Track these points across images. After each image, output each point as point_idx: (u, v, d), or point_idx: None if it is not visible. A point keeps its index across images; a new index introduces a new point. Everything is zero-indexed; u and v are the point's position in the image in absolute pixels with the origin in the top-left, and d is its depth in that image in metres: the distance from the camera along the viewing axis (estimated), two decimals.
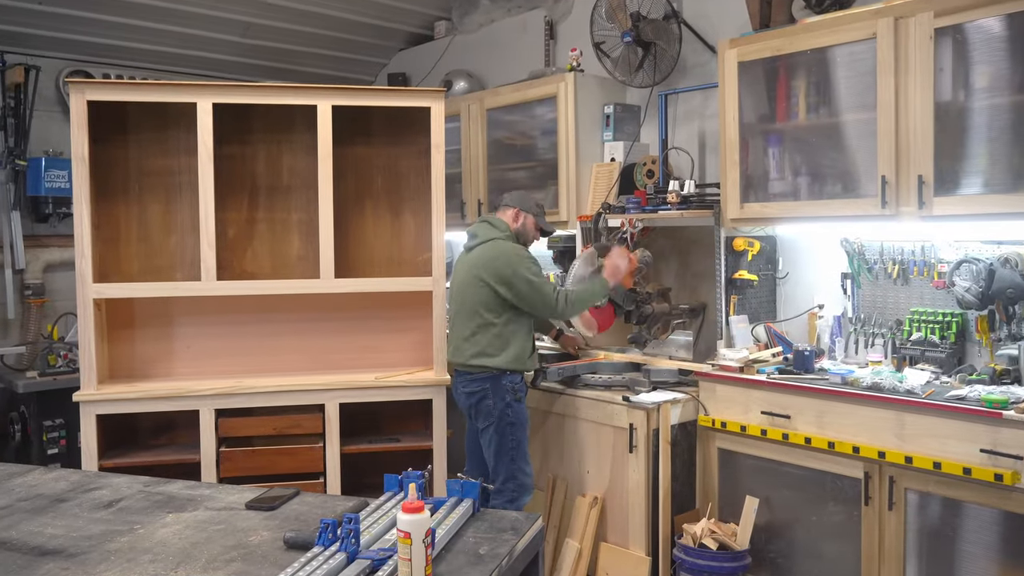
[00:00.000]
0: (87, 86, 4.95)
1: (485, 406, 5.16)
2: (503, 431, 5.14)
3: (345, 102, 5.18)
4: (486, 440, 5.21)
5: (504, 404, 5.13)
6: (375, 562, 2.44)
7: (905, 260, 4.98)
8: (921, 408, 4.19)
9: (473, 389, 5.19)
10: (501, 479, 5.13)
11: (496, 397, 5.14)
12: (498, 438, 5.15)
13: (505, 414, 5.13)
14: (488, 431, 5.17)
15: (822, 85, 4.90)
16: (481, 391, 5.16)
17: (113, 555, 2.66)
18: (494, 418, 5.14)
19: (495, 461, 5.16)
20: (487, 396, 5.15)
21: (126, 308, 5.39)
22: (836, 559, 4.60)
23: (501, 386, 5.13)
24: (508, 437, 5.14)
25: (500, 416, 5.13)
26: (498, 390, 5.14)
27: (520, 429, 5.17)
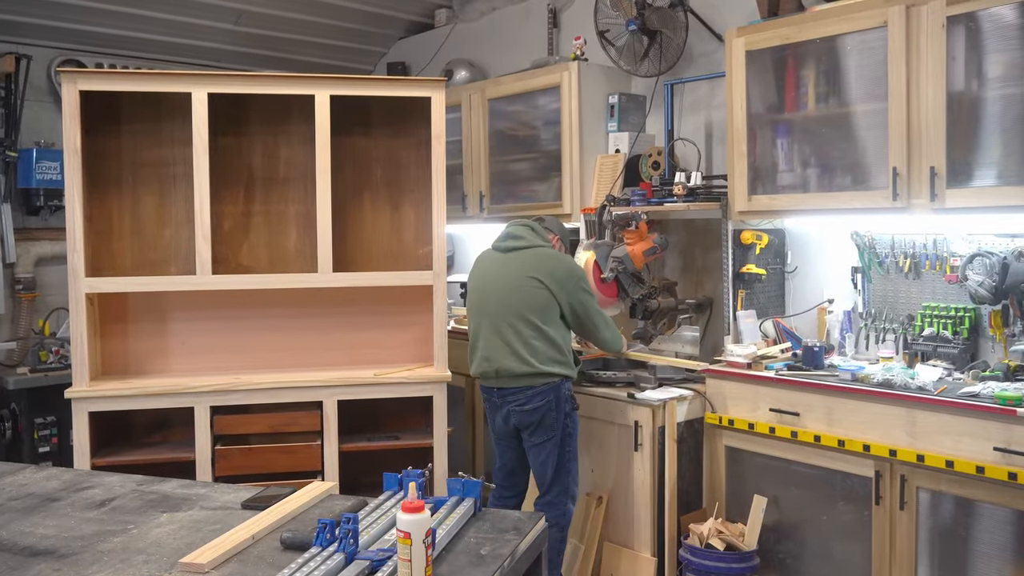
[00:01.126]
0: (79, 75, 4.94)
1: (549, 420, 4.91)
2: (564, 442, 4.95)
3: (343, 92, 5.17)
4: (543, 454, 4.96)
5: (565, 415, 4.94)
6: (374, 563, 2.45)
7: (917, 254, 4.97)
8: (933, 405, 4.19)
9: (537, 404, 4.89)
10: (556, 491, 4.96)
11: (559, 409, 4.91)
12: (559, 451, 4.94)
13: (566, 425, 4.95)
14: (546, 445, 4.94)
15: (832, 74, 4.90)
16: (546, 404, 4.89)
17: (106, 556, 2.66)
18: (556, 431, 4.93)
19: (554, 474, 4.95)
20: (551, 408, 4.90)
21: (119, 303, 5.39)
22: (846, 560, 4.60)
23: (562, 395, 4.93)
24: (567, 449, 4.97)
25: (563, 428, 4.94)
26: (560, 400, 4.92)
27: (576, 439, 5.03)
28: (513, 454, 5.17)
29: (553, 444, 4.92)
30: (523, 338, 4.90)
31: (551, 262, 5.00)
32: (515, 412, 4.95)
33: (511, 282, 5.00)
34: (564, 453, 4.93)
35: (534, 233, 5.15)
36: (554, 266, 4.98)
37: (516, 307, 4.94)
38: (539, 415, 4.89)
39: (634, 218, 5.57)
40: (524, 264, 5.01)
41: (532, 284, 4.92)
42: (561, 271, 4.96)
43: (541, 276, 4.92)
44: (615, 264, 5.55)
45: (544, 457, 4.94)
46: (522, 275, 4.97)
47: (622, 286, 5.63)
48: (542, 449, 4.94)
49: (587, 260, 5.62)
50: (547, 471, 4.95)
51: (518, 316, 4.93)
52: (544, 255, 5.04)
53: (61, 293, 6.30)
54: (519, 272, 4.99)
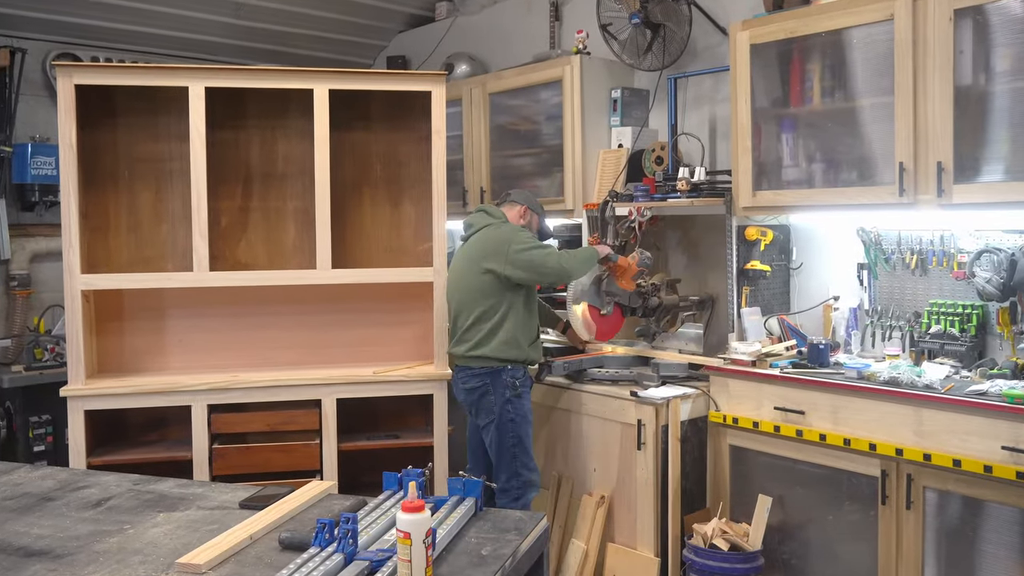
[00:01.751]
0: (75, 69, 4.94)
1: (486, 402, 5.19)
2: (503, 428, 5.15)
3: (342, 86, 5.17)
4: (488, 438, 5.23)
5: (504, 400, 5.15)
6: (374, 563, 2.45)
7: (924, 250, 4.97)
8: (940, 404, 4.19)
9: (473, 385, 5.21)
10: (504, 477, 5.15)
11: (496, 393, 5.16)
12: (499, 435, 5.16)
13: (505, 410, 5.15)
14: (489, 428, 5.19)
15: (837, 68, 4.89)
16: (481, 387, 5.19)
17: (102, 556, 2.66)
18: (495, 415, 5.17)
19: (497, 459, 5.18)
20: (488, 392, 5.18)
21: (115, 300, 5.38)
22: (852, 560, 4.60)
23: (501, 380, 5.16)
24: (508, 434, 5.15)
25: (501, 412, 5.15)
26: (498, 385, 5.16)
27: (521, 425, 5.18)
28: (472, 434, 5.48)
29: (494, 428, 5.18)
30: (469, 322, 5.25)
31: (490, 239, 5.29)
32: (460, 390, 5.31)
33: (462, 270, 5.36)
34: (506, 439, 5.17)
35: (486, 215, 5.47)
36: (492, 243, 5.26)
37: (466, 293, 5.29)
38: (476, 395, 5.23)
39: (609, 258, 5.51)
40: (470, 251, 5.36)
41: (474, 269, 5.26)
42: (494, 240, 5.26)
43: (480, 258, 5.24)
44: (610, 299, 5.61)
45: (488, 440, 5.24)
46: (468, 262, 5.32)
47: (624, 308, 5.66)
48: (486, 432, 5.24)
49: (582, 312, 5.62)
50: (492, 452, 5.24)
51: (467, 302, 5.29)
52: (484, 237, 5.34)
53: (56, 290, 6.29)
54: (466, 260, 5.35)
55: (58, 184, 5.15)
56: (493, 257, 5.18)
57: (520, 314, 5.23)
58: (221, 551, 2.59)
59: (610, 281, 5.61)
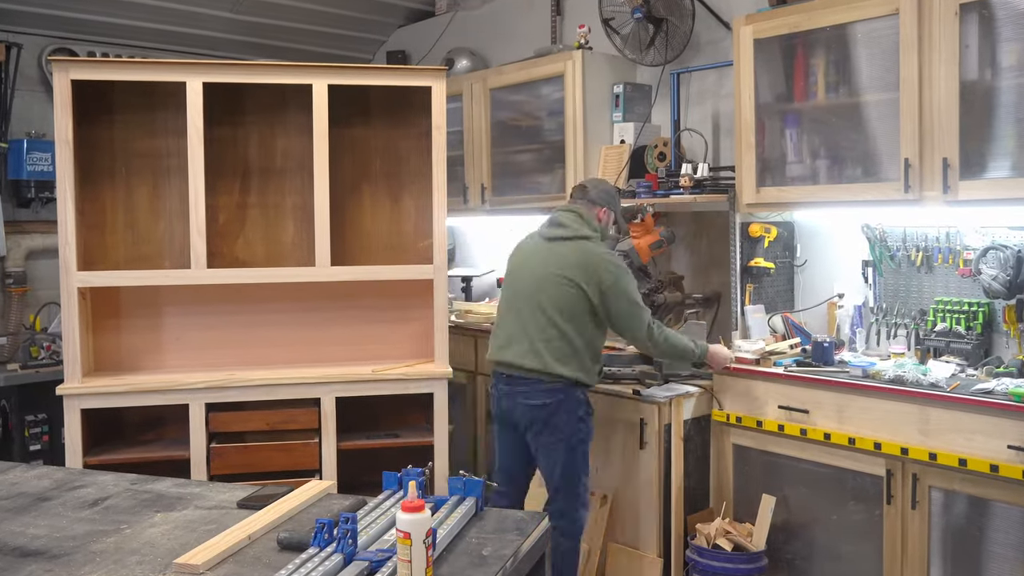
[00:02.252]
0: (71, 64, 4.94)
1: (557, 420, 4.76)
2: (575, 448, 4.79)
3: (342, 81, 5.17)
4: (551, 457, 4.80)
5: (577, 419, 4.78)
6: (373, 563, 2.44)
7: (929, 247, 4.96)
8: (946, 402, 4.19)
9: (546, 400, 4.75)
10: (565, 500, 4.80)
11: (569, 411, 4.76)
12: (569, 457, 4.77)
13: (579, 429, 4.79)
14: (557, 448, 4.78)
15: (842, 63, 4.89)
16: (555, 402, 4.75)
17: (99, 556, 2.66)
18: (564, 434, 4.77)
19: (562, 480, 4.80)
20: (560, 409, 4.76)
21: (112, 297, 5.39)
22: (857, 560, 4.61)
23: (575, 398, 4.78)
24: (579, 455, 4.80)
25: (574, 432, 4.78)
26: (571, 403, 4.77)
27: (588, 446, 4.86)
28: (512, 452, 5.02)
29: (561, 448, 4.76)
30: (546, 335, 4.77)
31: (588, 258, 4.80)
32: (521, 404, 4.82)
33: (544, 276, 4.84)
34: (574, 459, 4.79)
35: (580, 221, 4.94)
36: (590, 262, 4.78)
37: (543, 302, 4.80)
38: (546, 412, 4.75)
39: (640, 211, 5.55)
40: (560, 258, 4.83)
41: (562, 281, 4.76)
42: (601, 268, 4.76)
43: (576, 274, 4.75)
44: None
45: (553, 460, 4.79)
46: (555, 270, 4.80)
47: None
48: (552, 451, 4.79)
49: None
50: (555, 475, 4.80)
51: (543, 312, 4.79)
52: (581, 249, 4.84)
53: (52, 287, 6.28)
54: (554, 266, 4.82)
55: (54, 180, 5.14)
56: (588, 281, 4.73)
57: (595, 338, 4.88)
58: (219, 551, 2.59)
59: (627, 239, 5.55)
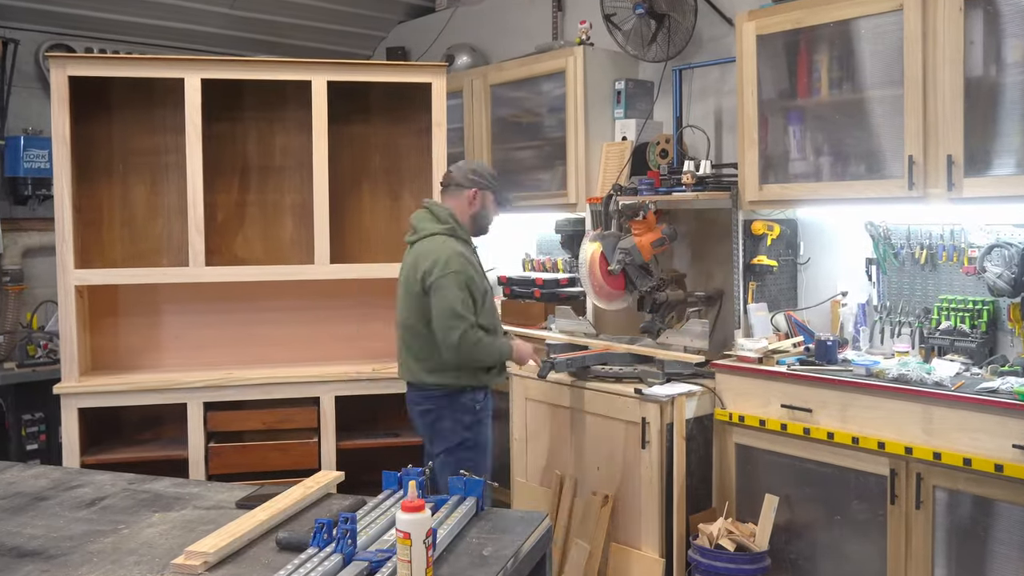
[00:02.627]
0: (68, 61, 4.95)
1: (441, 428, 4.72)
2: (463, 457, 4.64)
3: (341, 77, 5.18)
4: (444, 469, 4.59)
5: (464, 426, 4.71)
6: (373, 564, 2.45)
7: (933, 245, 4.96)
8: (950, 401, 4.18)
9: (428, 407, 4.73)
10: None
11: (455, 418, 4.69)
12: (454, 464, 4.47)
13: (465, 437, 4.71)
14: (441, 458, 4.71)
15: (845, 59, 4.88)
16: (436, 410, 4.71)
17: (96, 556, 2.66)
18: (449, 443, 4.71)
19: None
20: (443, 417, 4.70)
21: (110, 295, 5.39)
22: (860, 560, 4.60)
23: (460, 404, 4.70)
24: (469, 463, 4.40)
25: (461, 440, 4.71)
26: (456, 409, 4.69)
27: (480, 454, 4.76)
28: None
29: (451, 458, 4.66)
30: (417, 342, 4.70)
31: (426, 255, 4.66)
32: (413, 414, 4.84)
33: (403, 282, 4.79)
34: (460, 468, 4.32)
35: (430, 217, 4.80)
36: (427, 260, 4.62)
37: (404, 311, 4.77)
38: (430, 419, 4.72)
39: (642, 208, 5.55)
40: (412, 262, 4.73)
41: (414, 286, 4.66)
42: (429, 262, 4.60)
43: (421, 276, 4.63)
44: (622, 256, 5.54)
45: (445, 473, 4.47)
46: (409, 276, 4.72)
47: (629, 278, 5.62)
48: (443, 464, 4.65)
49: (593, 252, 5.62)
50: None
51: (404, 321, 4.76)
52: (425, 249, 4.70)
53: (50, 285, 6.29)
54: (408, 272, 4.74)
55: (51, 177, 5.15)
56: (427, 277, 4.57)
57: None
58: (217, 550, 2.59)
59: (628, 238, 5.57)
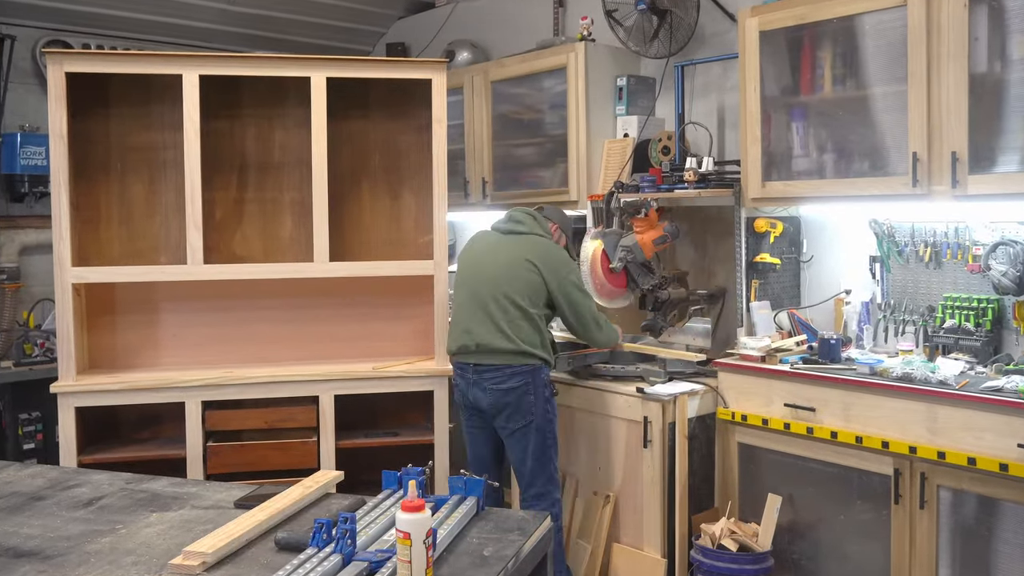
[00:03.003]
0: (65, 57, 4.94)
1: (527, 403, 4.93)
2: (544, 429, 4.98)
3: (340, 74, 5.17)
4: (521, 442, 4.98)
5: (545, 400, 4.98)
6: (373, 564, 2.45)
7: (938, 242, 4.95)
8: (955, 400, 4.18)
9: (514, 384, 4.91)
10: (542, 482, 4.99)
11: (536, 393, 4.95)
12: (540, 438, 4.96)
13: (546, 410, 4.98)
14: (527, 431, 4.96)
15: (849, 56, 4.88)
16: (523, 386, 4.92)
17: (93, 557, 2.67)
18: (535, 416, 4.95)
19: (534, 463, 4.97)
20: (529, 391, 4.93)
21: (107, 294, 5.39)
22: (864, 560, 4.60)
23: (540, 380, 4.97)
24: (549, 435, 5.00)
25: (543, 413, 4.97)
26: (538, 385, 4.95)
27: (556, 426, 5.08)
28: (485, 442, 5.19)
29: (532, 430, 4.94)
30: (509, 317, 4.95)
31: (547, 250, 5.09)
32: (491, 391, 4.95)
33: (507, 262, 5.06)
34: (545, 439, 4.98)
35: (535, 221, 5.22)
36: (549, 254, 5.07)
37: (507, 287, 4.99)
38: (516, 396, 4.91)
39: (644, 205, 5.55)
40: (522, 248, 5.08)
41: (527, 267, 5.00)
42: (554, 260, 5.06)
43: (536, 261, 5.01)
44: (624, 253, 5.53)
45: (524, 444, 4.97)
46: (519, 257, 5.04)
47: (631, 276, 5.61)
48: (522, 436, 4.97)
49: (594, 250, 5.62)
50: (527, 461, 4.98)
51: (507, 296, 4.97)
52: (541, 243, 5.13)
53: (46, 283, 6.28)
54: (516, 254, 5.06)
55: (48, 174, 5.13)
56: (549, 269, 5.01)
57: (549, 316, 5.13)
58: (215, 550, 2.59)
59: (631, 236, 5.58)
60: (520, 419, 4.95)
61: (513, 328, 4.93)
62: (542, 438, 4.96)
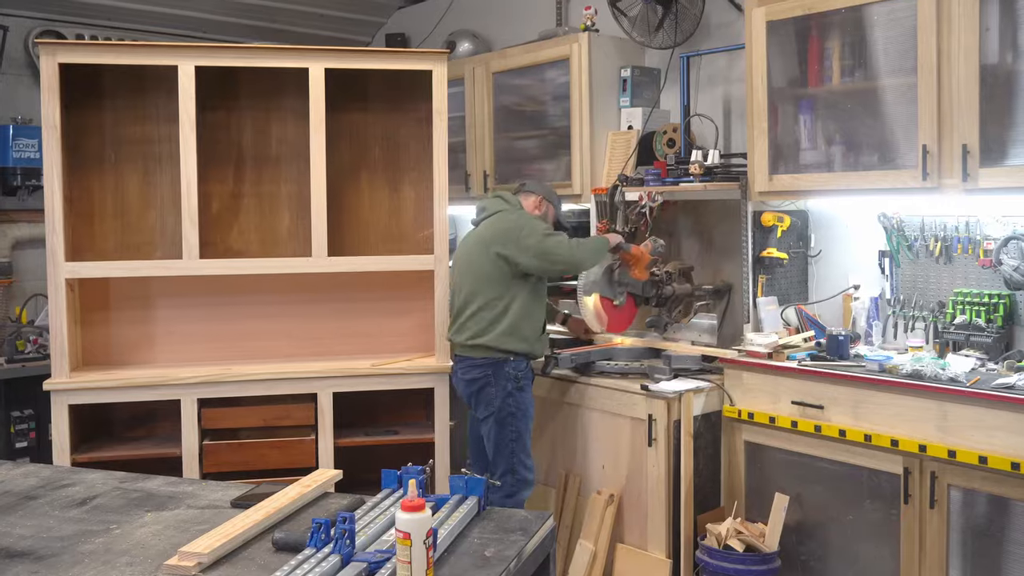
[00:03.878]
0: (59, 47, 4.94)
1: (486, 395, 5.14)
2: (503, 421, 5.12)
3: (339, 65, 5.16)
4: (486, 431, 5.20)
5: (505, 393, 5.11)
6: (372, 565, 2.44)
7: (948, 237, 4.94)
8: (965, 398, 4.17)
9: (474, 376, 5.15)
10: (500, 472, 5.13)
11: (498, 385, 5.11)
12: (498, 429, 5.13)
13: (506, 403, 5.11)
14: (488, 421, 5.16)
15: (858, 46, 4.87)
16: (483, 378, 5.13)
17: (87, 557, 2.66)
18: (494, 408, 5.13)
19: (494, 453, 5.16)
20: (489, 383, 5.12)
21: (101, 289, 5.39)
22: (873, 561, 4.60)
23: (503, 373, 5.10)
24: (508, 428, 5.13)
25: (501, 406, 5.12)
26: (500, 377, 5.11)
27: (522, 420, 5.16)
28: (472, 425, 5.42)
29: (493, 421, 5.14)
30: (473, 311, 5.16)
31: (500, 227, 5.20)
32: (460, 381, 5.26)
33: (471, 253, 5.27)
34: (504, 432, 5.13)
35: (502, 201, 5.38)
36: (505, 227, 5.18)
37: (473, 278, 5.21)
38: (477, 386, 5.16)
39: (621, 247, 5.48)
40: (482, 236, 5.25)
41: (485, 254, 5.16)
42: (512, 226, 5.17)
43: (493, 243, 5.15)
44: (622, 289, 5.61)
45: (486, 432, 5.21)
46: (477, 246, 5.23)
47: (636, 298, 5.66)
48: (484, 424, 5.20)
49: (594, 303, 5.60)
50: (489, 450, 5.21)
51: (471, 290, 5.20)
52: (498, 220, 5.26)
53: (39, 279, 6.28)
54: (477, 243, 5.25)
55: (41, 167, 5.13)
56: (504, 242, 5.10)
57: (526, 305, 5.16)
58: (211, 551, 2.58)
59: (623, 271, 5.59)
60: (483, 410, 5.19)
61: (475, 319, 5.16)
62: (500, 429, 5.14)
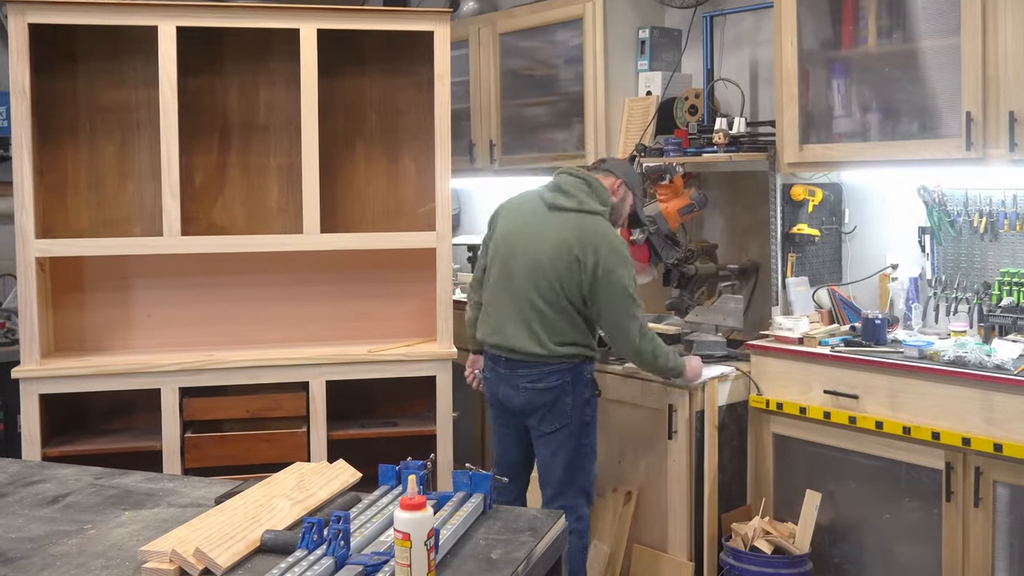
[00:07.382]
0: (28, 7, 4.92)
1: (562, 405, 4.72)
2: (580, 433, 4.76)
3: (333, 25, 5.15)
4: (552, 446, 4.77)
5: (583, 401, 4.76)
6: (368, 568, 2.44)
7: (994, 211, 4.92)
8: (1013, 386, 4.16)
9: (551, 384, 4.69)
10: (571, 494, 4.78)
11: (576, 393, 4.73)
12: (574, 444, 4.74)
13: (584, 413, 4.77)
14: (558, 435, 4.74)
15: (896, 5, 4.85)
16: (560, 385, 4.71)
17: (59, 560, 2.67)
18: (569, 419, 4.73)
19: (565, 472, 4.77)
20: (566, 392, 4.72)
21: (74, 269, 5.39)
22: (912, 564, 4.60)
23: (582, 378, 4.76)
24: (584, 442, 4.78)
25: (578, 416, 4.75)
26: (579, 384, 4.74)
27: (594, 431, 4.86)
28: (515, 443, 4.97)
29: (566, 435, 4.73)
30: (543, 316, 4.69)
31: (598, 234, 4.69)
32: (525, 389, 4.74)
33: (546, 248, 4.71)
34: (580, 447, 4.76)
35: (590, 191, 4.81)
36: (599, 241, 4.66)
37: (544, 278, 4.70)
38: (552, 396, 4.69)
39: (668, 171, 5.52)
40: (567, 231, 4.71)
41: (568, 257, 4.64)
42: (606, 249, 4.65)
43: (582, 251, 4.63)
44: (646, 224, 5.51)
45: (554, 450, 4.75)
46: (560, 243, 4.68)
47: (654, 249, 5.58)
48: (551, 440, 4.75)
49: None
50: (556, 468, 4.77)
51: (541, 289, 4.69)
52: (591, 224, 4.72)
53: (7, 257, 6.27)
54: (559, 239, 4.70)
55: (9, 137, 5.13)
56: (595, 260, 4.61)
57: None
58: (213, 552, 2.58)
59: (653, 202, 5.51)
60: (555, 421, 4.74)
61: (547, 329, 4.70)
62: (576, 444, 4.74)
